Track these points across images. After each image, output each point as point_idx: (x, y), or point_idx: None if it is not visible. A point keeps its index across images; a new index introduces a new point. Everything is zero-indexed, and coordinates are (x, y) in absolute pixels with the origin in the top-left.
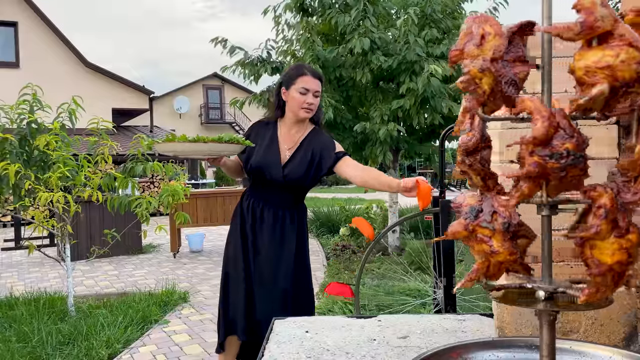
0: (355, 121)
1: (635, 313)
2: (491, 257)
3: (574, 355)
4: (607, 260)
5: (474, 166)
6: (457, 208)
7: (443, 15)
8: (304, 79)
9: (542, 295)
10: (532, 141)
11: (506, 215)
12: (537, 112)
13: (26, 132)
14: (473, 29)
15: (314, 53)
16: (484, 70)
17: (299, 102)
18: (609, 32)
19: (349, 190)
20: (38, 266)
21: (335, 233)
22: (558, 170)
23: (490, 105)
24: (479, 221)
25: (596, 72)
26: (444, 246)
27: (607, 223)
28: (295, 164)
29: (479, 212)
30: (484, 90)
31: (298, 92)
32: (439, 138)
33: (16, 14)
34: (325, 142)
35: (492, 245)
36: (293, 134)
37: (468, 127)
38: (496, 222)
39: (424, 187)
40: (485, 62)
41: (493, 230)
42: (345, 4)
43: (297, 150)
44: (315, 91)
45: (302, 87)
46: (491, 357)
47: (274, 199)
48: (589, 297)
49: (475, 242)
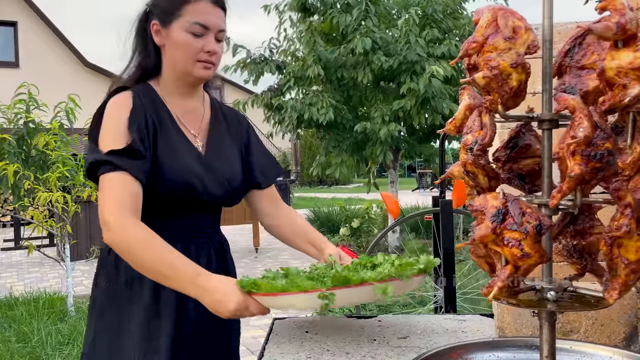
0: (355, 121)
1: (635, 313)
2: (521, 261)
3: (574, 355)
4: (632, 258)
5: (485, 166)
6: (480, 210)
7: (444, 15)
8: (197, 6)
9: (553, 296)
10: (584, 140)
11: (537, 217)
12: (580, 110)
13: (24, 131)
14: (499, 21)
15: (315, 53)
16: (517, 65)
17: (191, 51)
18: (634, 34)
19: (349, 190)
20: (37, 266)
21: (335, 233)
22: (597, 170)
23: (509, 103)
24: (506, 224)
25: (628, 72)
26: (444, 246)
27: (635, 222)
28: (225, 159)
29: (505, 215)
30: (512, 86)
31: (188, 31)
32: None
33: (16, 13)
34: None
35: (523, 248)
36: (191, 109)
37: (477, 125)
38: (528, 224)
39: (390, 202)
40: (519, 57)
41: (525, 233)
42: (347, 3)
43: (213, 136)
44: (218, 30)
45: (196, 21)
46: (491, 357)
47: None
48: (619, 295)
49: (503, 246)
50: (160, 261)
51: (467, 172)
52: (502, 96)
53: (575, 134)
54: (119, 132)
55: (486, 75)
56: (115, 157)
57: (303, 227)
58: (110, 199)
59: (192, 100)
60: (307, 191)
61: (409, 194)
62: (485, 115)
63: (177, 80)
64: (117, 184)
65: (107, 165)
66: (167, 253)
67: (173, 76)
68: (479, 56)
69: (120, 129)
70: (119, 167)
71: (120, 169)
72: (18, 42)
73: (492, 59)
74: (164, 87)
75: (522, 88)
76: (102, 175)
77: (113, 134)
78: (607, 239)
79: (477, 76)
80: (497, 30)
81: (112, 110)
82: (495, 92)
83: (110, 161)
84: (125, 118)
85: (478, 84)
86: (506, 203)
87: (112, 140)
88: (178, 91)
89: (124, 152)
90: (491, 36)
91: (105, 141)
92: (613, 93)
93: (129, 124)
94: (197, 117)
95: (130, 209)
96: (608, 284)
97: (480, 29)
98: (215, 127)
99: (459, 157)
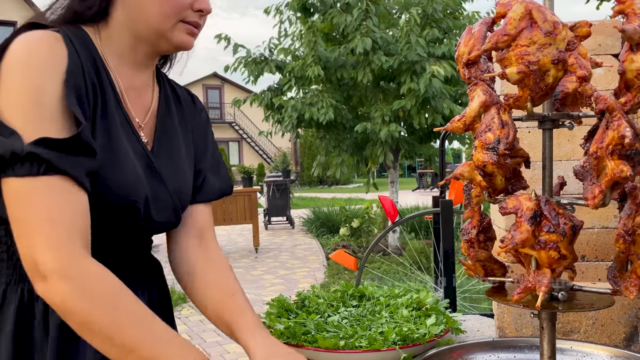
0: (355, 121)
1: (635, 313)
2: (557, 263)
3: (574, 355)
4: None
5: (506, 166)
6: (514, 212)
7: (444, 15)
8: None
9: (564, 296)
10: (631, 140)
11: (570, 218)
12: (619, 111)
13: None
14: (535, 15)
15: (315, 53)
16: (558, 61)
17: (175, 3)
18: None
19: (349, 190)
20: None
21: (335, 233)
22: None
23: (537, 101)
24: (542, 226)
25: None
26: (444, 246)
27: None
28: (177, 166)
29: (541, 217)
30: (547, 83)
31: None
32: (439, 138)
33: (15, 13)
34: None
35: (560, 250)
36: (139, 85)
37: (498, 123)
38: (565, 225)
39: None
40: (561, 53)
41: (562, 234)
42: (347, 3)
43: (163, 131)
44: None
45: None
46: (492, 357)
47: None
48: (639, 291)
49: (540, 249)
50: (152, 337)
51: (484, 173)
52: (535, 93)
53: (624, 133)
54: (48, 103)
55: (521, 71)
56: (53, 153)
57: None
58: (48, 223)
59: (142, 73)
60: (307, 191)
61: (409, 194)
62: (505, 113)
63: (136, 41)
64: (57, 196)
65: (34, 163)
66: (158, 324)
67: (131, 34)
68: (509, 50)
69: (51, 98)
70: (57, 168)
71: (59, 171)
72: None
73: (530, 53)
74: (109, 44)
75: (554, 86)
76: (20, 178)
77: (36, 107)
78: (625, 236)
79: (511, 71)
80: (531, 24)
81: (30, 59)
82: (527, 89)
83: (41, 157)
84: (57, 77)
85: (509, 80)
86: (539, 204)
87: (36, 117)
88: (130, 57)
89: (64, 144)
90: (526, 30)
91: (21, 117)
92: (631, 94)
93: (66, 91)
94: (145, 99)
95: (81, 239)
96: (618, 281)
97: (513, 21)
98: (167, 116)
99: (475, 158)
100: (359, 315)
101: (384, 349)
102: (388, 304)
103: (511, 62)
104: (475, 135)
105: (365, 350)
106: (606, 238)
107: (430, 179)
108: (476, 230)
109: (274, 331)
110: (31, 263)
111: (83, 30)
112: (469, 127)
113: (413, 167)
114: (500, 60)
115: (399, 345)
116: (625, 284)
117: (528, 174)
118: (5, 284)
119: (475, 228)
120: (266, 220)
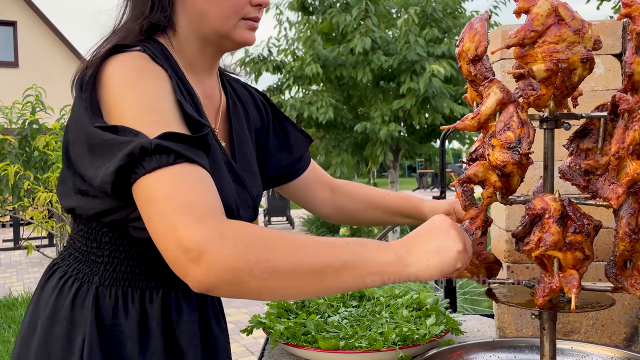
0: (355, 121)
1: (636, 314)
2: (581, 263)
3: (575, 355)
4: None
5: (526, 166)
6: (542, 214)
7: (444, 15)
8: None
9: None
10: None
11: (590, 218)
12: (638, 111)
13: (27, 132)
14: (563, 12)
15: (314, 52)
16: (587, 60)
17: (234, 2)
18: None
19: None
20: (37, 266)
21: (335, 233)
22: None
23: (560, 100)
24: (569, 227)
25: None
26: None
27: None
28: (252, 168)
29: (566, 218)
30: (573, 82)
31: None
32: (440, 138)
33: (15, 13)
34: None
35: (585, 251)
36: (210, 90)
37: (517, 122)
38: (589, 226)
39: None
40: (589, 52)
41: (587, 235)
42: (346, 3)
43: (236, 134)
44: None
45: None
46: (492, 357)
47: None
48: None
49: (566, 250)
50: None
51: (502, 173)
52: (561, 92)
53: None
54: (163, 109)
55: (549, 68)
56: (179, 145)
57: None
58: (186, 206)
59: (210, 78)
60: None
61: None
62: (523, 112)
63: (203, 45)
64: (190, 181)
65: (162, 155)
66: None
67: (198, 39)
68: (534, 47)
69: (165, 105)
70: (186, 156)
71: (188, 159)
72: (17, 42)
73: (559, 51)
74: (181, 53)
75: (576, 85)
76: (151, 173)
77: (153, 112)
78: (632, 234)
79: (538, 68)
80: (558, 22)
81: (140, 73)
82: (551, 87)
83: (170, 148)
84: (165, 88)
85: (535, 77)
86: (563, 205)
87: (155, 120)
88: (199, 63)
89: (189, 140)
90: (553, 27)
91: (142, 121)
92: (638, 96)
93: (181, 100)
94: (214, 104)
95: (223, 214)
96: (620, 278)
97: (540, 17)
98: (236, 119)
99: (493, 157)
100: (359, 316)
101: (384, 349)
102: (388, 305)
103: (536, 59)
104: (489, 134)
105: (365, 350)
106: (606, 238)
107: (430, 179)
108: (481, 231)
109: (274, 331)
110: (177, 248)
111: (160, 44)
112: (483, 125)
113: (413, 167)
114: (522, 57)
115: (399, 346)
116: (629, 281)
117: (528, 174)
118: (98, 282)
119: (480, 229)
120: (266, 220)
